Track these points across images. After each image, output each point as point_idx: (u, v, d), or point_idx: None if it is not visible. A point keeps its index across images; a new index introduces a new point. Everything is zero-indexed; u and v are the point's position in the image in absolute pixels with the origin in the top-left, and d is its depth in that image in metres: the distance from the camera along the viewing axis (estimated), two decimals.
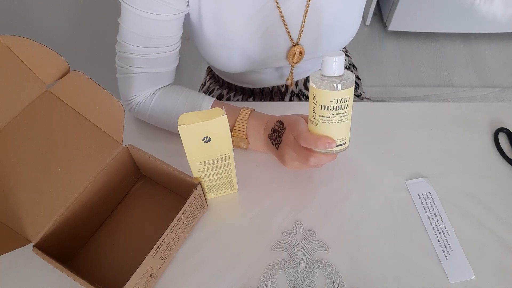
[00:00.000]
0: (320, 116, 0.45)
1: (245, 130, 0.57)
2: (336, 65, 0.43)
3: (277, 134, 0.54)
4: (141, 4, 0.53)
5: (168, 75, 0.63)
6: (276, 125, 0.55)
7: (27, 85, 0.47)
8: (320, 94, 0.44)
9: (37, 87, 0.48)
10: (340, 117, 0.45)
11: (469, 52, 1.79)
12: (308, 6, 0.60)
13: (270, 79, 0.77)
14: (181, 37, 0.61)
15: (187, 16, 0.62)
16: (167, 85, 0.64)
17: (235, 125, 0.57)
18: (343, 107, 0.44)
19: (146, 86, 0.61)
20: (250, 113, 0.58)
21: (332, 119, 0.45)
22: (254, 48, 0.64)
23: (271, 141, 0.55)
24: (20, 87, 0.47)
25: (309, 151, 0.48)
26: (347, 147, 0.48)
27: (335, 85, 0.43)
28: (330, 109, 0.44)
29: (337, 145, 0.46)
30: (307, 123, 0.49)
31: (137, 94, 0.61)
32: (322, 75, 0.44)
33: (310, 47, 0.66)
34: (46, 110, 0.48)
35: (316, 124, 0.46)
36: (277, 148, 0.55)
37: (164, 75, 0.62)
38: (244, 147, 0.59)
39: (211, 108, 0.59)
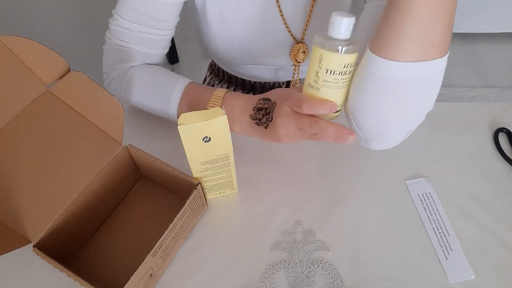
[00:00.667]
0: (324, 80, 0.43)
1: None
2: (347, 27, 0.40)
3: (263, 112, 0.50)
4: None
5: (154, 58, 0.62)
6: (261, 103, 0.50)
7: (27, 85, 0.47)
8: (328, 58, 0.41)
9: (37, 87, 0.48)
10: (343, 82, 0.43)
11: (469, 52, 1.79)
12: (312, 7, 0.59)
13: (271, 76, 0.77)
14: (179, 37, 0.61)
15: (192, 5, 0.61)
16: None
17: (209, 103, 0.53)
18: (348, 72, 0.42)
19: (128, 60, 0.60)
20: (225, 91, 0.54)
21: (336, 84, 0.43)
22: (253, 42, 0.64)
23: (256, 121, 0.51)
24: (20, 87, 0.47)
25: (313, 117, 0.46)
26: (339, 113, 0.47)
27: (344, 48, 0.40)
28: (336, 74, 0.42)
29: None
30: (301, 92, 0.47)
31: (115, 67, 0.61)
32: (330, 37, 0.40)
33: None
34: (46, 110, 0.48)
35: (318, 89, 0.44)
36: (266, 127, 0.51)
37: (150, 57, 0.61)
38: None
39: (185, 86, 0.56)
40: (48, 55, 0.45)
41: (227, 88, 0.84)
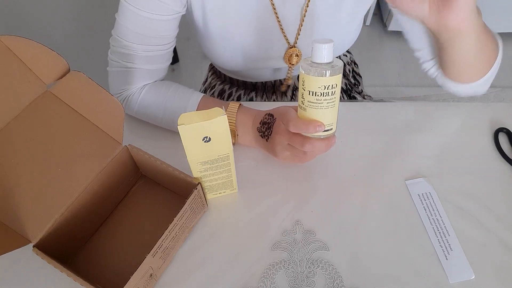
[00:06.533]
0: (308, 101, 0.46)
1: (234, 123, 0.58)
2: (325, 52, 0.43)
3: (266, 126, 0.55)
4: (139, 3, 0.53)
5: (160, 72, 0.63)
6: (266, 118, 0.55)
7: (27, 85, 0.47)
8: (309, 80, 0.44)
9: (37, 87, 0.48)
10: (328, 103, 0.45)
11: None
12: (306, 12, 0.61)
13: (271, 75, 0.77)
14: (180, 37, 0.62)
15: (190, 16, 0.62)
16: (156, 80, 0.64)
17: None
18: (330, 94, 0.45)
19: (137, 81, 0.61)
20: (238, 106, 0.58)
21: (319, 105, 0.46)
22: (253, 47, 0.65)
23: (260, 134, 0.56)
24: (20, 87, 0.47)
25: (303, 137, 0.49)
26: (334, 132, 0.49)
27: (323, 71, 0.43)
28: (318, 95, 0.45)
29: (324, 130, 0.48)
30: (296, 112, 0.50)
31: (126, 88, 0.62)
32: (311, 61, 0.44)
33: (308, 50, 0.67)
34: (46, 110, 0.48)
35: (305, 109, 0.47)
36: (267, 140, 0.55)
37: (156, 72, 0.62)
38: (233, 141, 0.59)
39: (199, 102, 0.60)
40: (48, 55, 0.45)
41: (229, 89, 0.84)
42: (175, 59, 1.84)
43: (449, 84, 0.62)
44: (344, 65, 0.87)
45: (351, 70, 0.90)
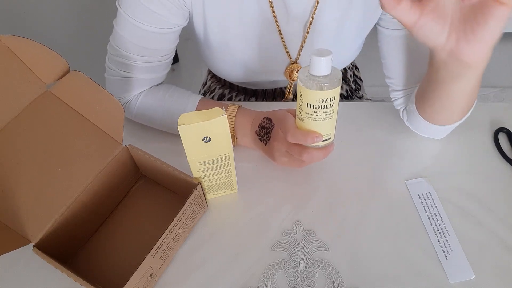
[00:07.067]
0: (306, 113, 0.46)
1: (233, 126, 0.58)
2: (323, 65, 0.42)
3: (265, 131, 0.54)
4: (138, 15, 0.53)
5: (159, 80, 0.64)
6: (264, 122, 0.55)
7: (27, 85, 0.47)
8: (306, 93, 0.44)
9: (37, 87, 0.48)
10: (325, 115, 0.45)
11: None
12: (309, 29, 0.61)
13: (272, 83, 0.77)
14: (180, 37, 0.62)
15: (192, 27, 0.62)
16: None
17: None
18: (328, 106, 0.44)
19: (135, 89, 0.61)
20: (237, 109, 0.58)
21: (317, 117, 0.45)
22: (254, 62, 0.65)
23: (259, 137, 0.56)
24: (20, 87, 0.47)
25: (302, 147, 0.49)
26: (332, 141, 0.50)
27: (321, 85, 0.42)
28: (316, 108, 0.44)
29: (323, 140, 0.48)
30: (295, 118, 0.50)
31: (124, 96, 0.62)
32: (309, 73, 0.43)
33: None
34: (46, 110, 0.48)
35: (303, 120, 0.47)
36: (265, 144, 0.55)
37: (154, 80, 0.62)
38: (233, 144, 0.59)
39: (197, 104, 0.60)
40: (48, 55, 0.45)
41: (229, 93, 0.84)
42: (175, 59, 1.84)
43: (416, 122, 0.59)
44: (346, 70, 0.87)
45: (352, 75, 0.89)
